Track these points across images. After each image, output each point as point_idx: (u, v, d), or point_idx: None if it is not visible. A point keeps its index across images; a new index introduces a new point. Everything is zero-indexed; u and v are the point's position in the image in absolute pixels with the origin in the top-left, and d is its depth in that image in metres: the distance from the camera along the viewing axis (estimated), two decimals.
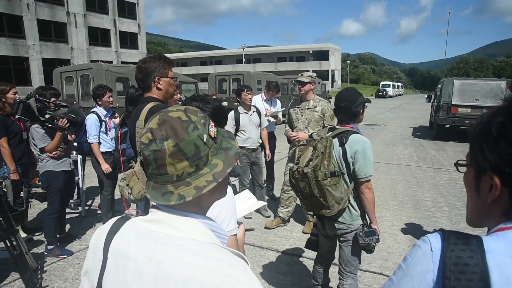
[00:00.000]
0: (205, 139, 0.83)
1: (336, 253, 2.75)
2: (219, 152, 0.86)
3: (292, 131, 4.54)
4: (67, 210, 4.77)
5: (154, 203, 0.88)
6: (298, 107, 4.51)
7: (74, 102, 7.75)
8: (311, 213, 4.31)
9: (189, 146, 0.80)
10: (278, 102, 6.05)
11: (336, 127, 2.57)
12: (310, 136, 2.54)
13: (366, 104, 2.62)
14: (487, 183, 0.78)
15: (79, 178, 5.24)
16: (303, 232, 4.54)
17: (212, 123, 0.88)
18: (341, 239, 2.56)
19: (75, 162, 4.71)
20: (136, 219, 0.90)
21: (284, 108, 5.81)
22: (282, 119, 5.96)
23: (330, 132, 2.53)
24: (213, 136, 0.85)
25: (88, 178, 6.52)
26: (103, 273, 0.86)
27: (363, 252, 2.52)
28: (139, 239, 0.84)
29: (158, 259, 0.80)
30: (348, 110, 2.47)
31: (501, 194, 0.76)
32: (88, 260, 0.93)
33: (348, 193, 2.42)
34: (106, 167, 4.49)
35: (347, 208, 2.45)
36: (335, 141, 2.45)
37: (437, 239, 0.74)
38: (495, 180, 0.76)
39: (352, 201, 2.45)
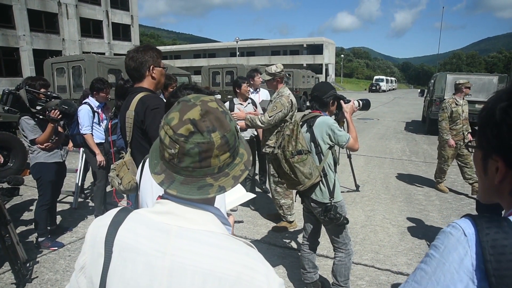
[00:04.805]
0: (238, 130, 0.83)
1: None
2: (241, 141, 0.86)
3: None
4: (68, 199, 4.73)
5: (160, 194, 0.84)
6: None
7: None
8: (287, 214, 4.43)
9: (232, 137, 0.79)
10: (265, 92, 6.03)
11: (307, 113, 2.91)
12: (284, 122, 2.96)
13: (360, 103, 3.03)
14: (493, 165, 0.80)
15: (77, 170, 5.30)
16: (273, 230, 4.45)
17: None
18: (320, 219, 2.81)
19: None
20: (141, 211, 0.85)
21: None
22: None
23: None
24: None
25: None
26: (107, 268, 0.80)
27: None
28: (149, 231, 0.80)
29: (171, 252, 0.77)
30: (319, 99, 2.81)
31: (506, 175, 0.78)
32: (85, 254, 0.85)
33: (319, 169, 2.67)
34: (101, 159, 4.46)
35: (319, 185, 2.70)
36: (305, 125, 2.79)
37: (468, 224, 0.74)
38: (500, 164, 0.78)
39: (322, 179, 2.72)
